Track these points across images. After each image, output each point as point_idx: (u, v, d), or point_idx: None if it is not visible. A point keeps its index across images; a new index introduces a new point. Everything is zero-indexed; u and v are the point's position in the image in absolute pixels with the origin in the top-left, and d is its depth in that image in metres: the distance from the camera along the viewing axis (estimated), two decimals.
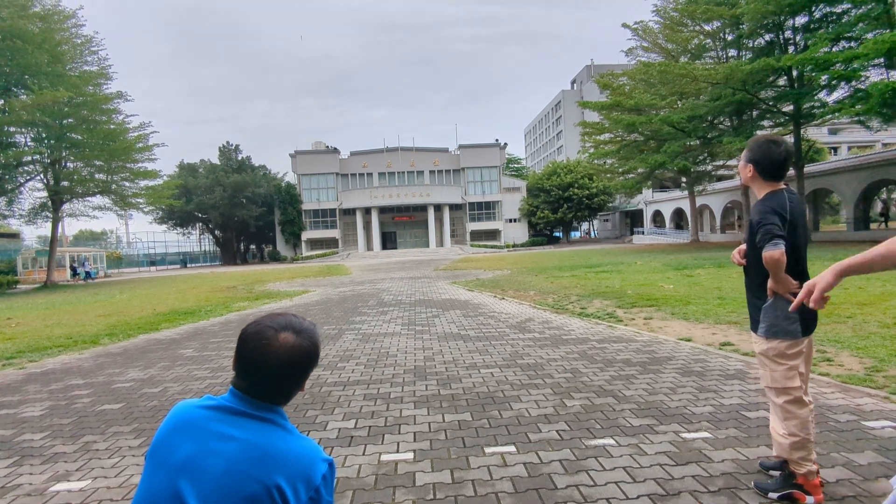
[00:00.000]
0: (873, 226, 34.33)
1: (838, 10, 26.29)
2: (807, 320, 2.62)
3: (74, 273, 37.75)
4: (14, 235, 44.66)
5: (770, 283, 2.59)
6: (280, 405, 1.33)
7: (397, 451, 3.46)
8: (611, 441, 3.45)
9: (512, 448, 3.41)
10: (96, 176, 32.65)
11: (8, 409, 4.95)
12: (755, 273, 2.71)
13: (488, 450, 3.40)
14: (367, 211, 59.92)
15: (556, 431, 3.67)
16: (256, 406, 1.29)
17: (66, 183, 30.86)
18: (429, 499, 2.80)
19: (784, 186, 2.67)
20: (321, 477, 1.26)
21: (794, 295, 2.58)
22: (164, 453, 1.25)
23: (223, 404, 1.29)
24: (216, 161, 60.04)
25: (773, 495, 2.62)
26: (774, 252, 2.45)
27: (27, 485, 3.22)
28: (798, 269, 2.61)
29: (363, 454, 3.44)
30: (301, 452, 1.27)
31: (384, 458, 3.37)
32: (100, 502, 2.95)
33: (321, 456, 1.29)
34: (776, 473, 2.76)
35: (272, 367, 1.28)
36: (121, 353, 7.54)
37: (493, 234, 63.01)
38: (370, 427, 3.96)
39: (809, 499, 2.56)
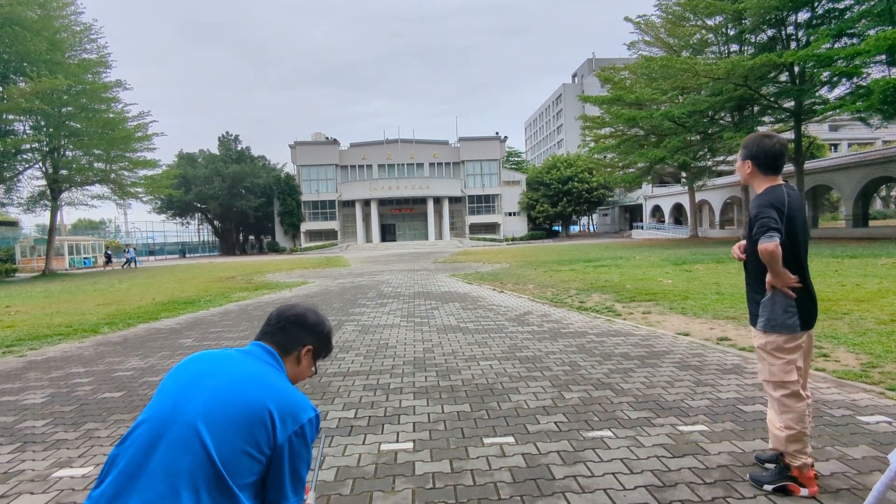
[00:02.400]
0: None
1: (841, 5, 26.23)
2: (806, 315, 2.64)
3: (109, 260, 38.11)
4: (12, 224, 44.60)
5: (768, 277, 2.61)
6: (280, 351, 1.64)
7: (397, 441, 3.50)
8: (608, 433, 3.48)
9: (510, 439, 3.44)
10: (95, 165, 32.52)
11: (9, 397, 4.98)
12: (754, 267, 2.74)
13: (487, 440, 3.44)
14: (366, 203, 59.84)
15: (555, 423, 3.70)
16: (264, 351, 1.61)
17: (64, 171, 30.75)
18: (428, 487, 2.83)
19: (783, 182, 2.70)
20: (308, 419, 1.47)
21: (793, 289, 2.61)
22: (174, 376, 1.49)
23: (238, 349, 1.60)
24: (215, 151, 59.94)
25: (768, 487, 2.65)
26: (769, 244, 2.47)
27: (30, 471, 3.25)
28: (797, 264, 2.63)
29: (363, 443, 3.48)
30: (293, 394, 1.50)
31: (384, 447, 3.40)
32: None
33: (310, 405, 1.51)
34: (771, 466, 2.80)
35: (287, 315, 1.70)
36: (121, 342, 7.56)
37: (493, 228, 62.99)
38: (370, 417, 4.00)
39: (804, 491, 2.60)
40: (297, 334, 1.67)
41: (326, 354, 1.81)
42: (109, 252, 39.51)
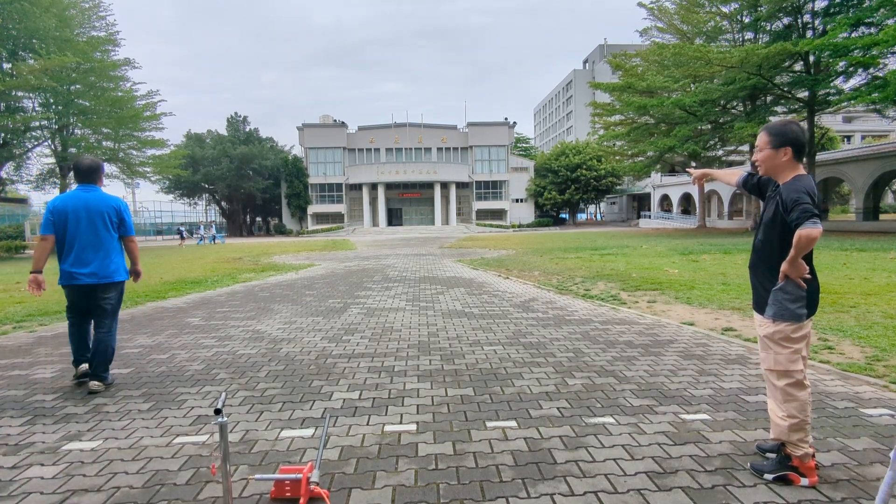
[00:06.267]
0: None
1: None
2: (811, 303, 2.65)
3: (182, 237, 39.63)
4: (22, 200, 44.83)
5: (784, 265, 2.59)
6: (95, 183, 4.57)
7: (400, 423, 3.53)
8: (610, 420, 3.50)
9: (513, 423, 3.47)
10: (104, 143, 32.63)
11: (20, 371, 5.06)
12: (770, 254, 2.71)
13: (490, 424, 3.46)
14: (373, 186, 59.79)
15: (557, 408, 3.72)
16: (93, 186, 4.55)
17: (73, 149, 30.85)
18: (430, 469, 2.87)
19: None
20: (123, 207, 4.62)
21: (804, 280, 2.61)
22: (63, 213, 4.40)
23: (81, 191, 4.50)
24: (224, 132, 59.93)
25: (769, 476, 2.67)
26: (814, 230, 2.43)
27: (40, 443, 3.31)
28: (808, 254, 2.62)
29: (367, 424, 3.51)
30: (112, 197, 4.54)
31: (388, 428, 3.44)
32: (111, 462, 3.03)
33: (119, 199, 4.58)
34: (772, 455, 2.81)
35: (90, 167, 4.54)
36: (129, 320, 7.63)
37: (499, 214, 62.87)
38: (374, 398, 4.03)
39: (804, 481, 2.61)
40: (97, 174, 4.55)
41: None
42: (182, 229, 40.72)
